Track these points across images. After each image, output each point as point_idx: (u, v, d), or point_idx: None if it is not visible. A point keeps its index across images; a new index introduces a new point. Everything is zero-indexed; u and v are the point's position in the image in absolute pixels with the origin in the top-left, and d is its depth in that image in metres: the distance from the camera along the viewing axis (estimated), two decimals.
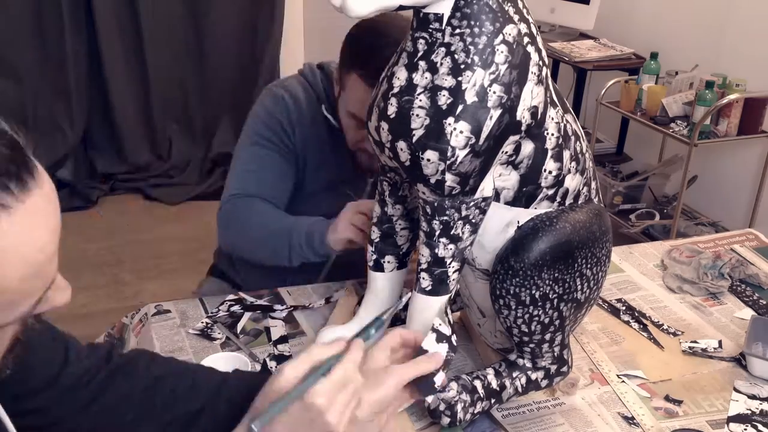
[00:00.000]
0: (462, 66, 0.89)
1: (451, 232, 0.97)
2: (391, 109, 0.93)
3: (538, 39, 0.95)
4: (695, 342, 1.28)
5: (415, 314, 1.03)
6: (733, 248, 1.62)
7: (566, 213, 1.00)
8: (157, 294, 2.56)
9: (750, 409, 1.13)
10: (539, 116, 0.95)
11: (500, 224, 1.00)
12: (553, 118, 0.97)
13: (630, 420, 1.09)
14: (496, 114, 0.90)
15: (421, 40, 0.91)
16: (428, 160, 0.91)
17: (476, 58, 0.89)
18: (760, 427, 1.09)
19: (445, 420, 1.02)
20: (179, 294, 1.49)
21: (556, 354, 1.08)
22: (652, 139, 3.34)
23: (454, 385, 1.02)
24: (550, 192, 1.00)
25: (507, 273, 0.98)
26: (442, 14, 0.89)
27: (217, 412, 0.88)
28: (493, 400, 1.06)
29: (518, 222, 1.00)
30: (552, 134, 0.97)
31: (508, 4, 0.91)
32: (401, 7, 0.86)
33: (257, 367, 1.17)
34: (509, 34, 0.90)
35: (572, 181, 1.01)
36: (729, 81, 2.75)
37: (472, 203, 0.96)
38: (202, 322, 1.28)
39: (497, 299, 1.01)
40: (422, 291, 1.01)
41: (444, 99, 0.89)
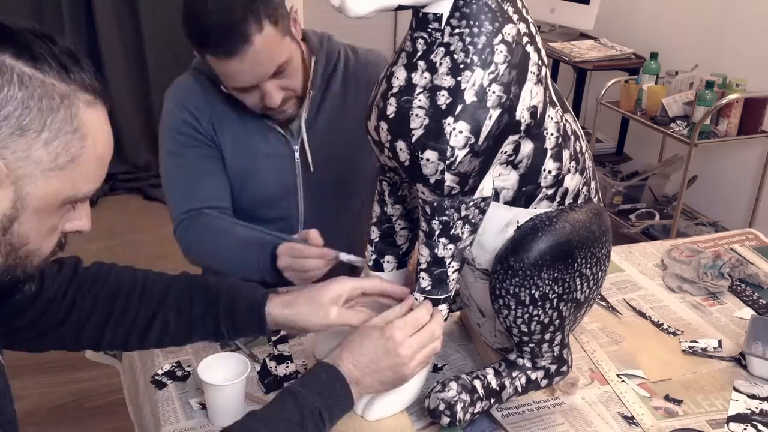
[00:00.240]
0: (461, 66, 0.89)
1: (451, 232, 0.97)
2: (391, 109, 0.93)
3: (538, 39, 0.95)
4: (695, 341, 1.28)
5: None
6: (732, 248, 1.61)
7: (566, 213, 1.00)
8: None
9: (750, 409, 1.13)
10: (538, 116, 0.95)
11: (500, 224, 1.00)
12: (552, 118, 0.97)
13: (630, 420, 1.09)
14: (495, 114, 0.90)
15: (420, 40, 0.91)
16: (427, 160, 0.91)
17: (475, 58, 0.89)
18: (759, 426, 1.09)
19: (445, 420, 1.01)
20: None
21: (555, 354, 1.08)
22: (652, 139, 3.34)
23: (454, 385, 1.02)
24: (550, 192, 1.00)
25: (507, 273, 0.98)
26: (441, 14, 0.89)
27: (166, 317, 1.02)
28: (492, 400, 1.06)
29: (518, 222, 1.00)
30: (551, 134, 0.97)
31: (508, 4, 0.91)
32: (400, 7, 0.86)
33: (257, 367, 1.17)
34: (508, 34, 0.90)
35: (572, 181, 1.01)
36: (729, 81, 2.75)
37: (471, 203, 0.96)
38: None
39: (497, 299, 1.01)
40: (422, 291, 1.01)
41: (443, 99, 0.89)
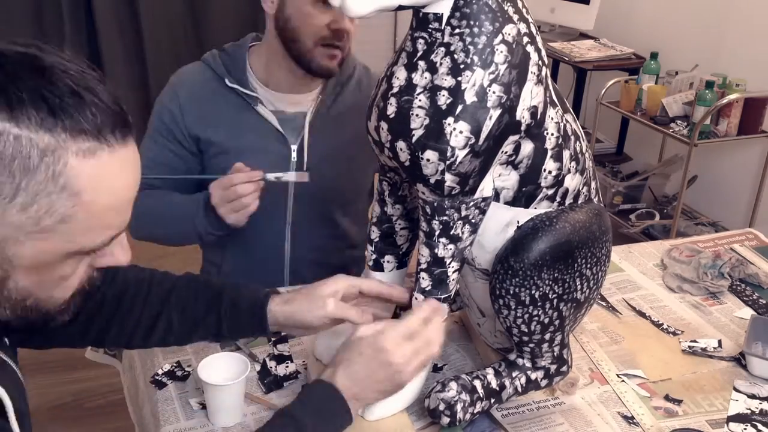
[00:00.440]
0: (461, 66, 0.89)
1: (451, 232, 0.97)
2: (391, 109, 0.93)
3: (538, 39, 0.95)
4: (695, 341, 1.28)
5: None
6: (732, 248, 1.62)
7: (566, 213, 1.00)
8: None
9: (750, 409, 1.13)
10: (539, 116, 0.95)
11: (500, 224, 1.00)
12: (552, 118, 0.97)
13: (630, 419, 1.09)
14: (495, 114, 0.90)
15: (421, 40, 0.91)
16: (428, 160, 0.91)
17: (476, 58, 0.89)
18: (759, 426, 1.09)
19: (445, 420, 1.02)
20: None
21: (555, 354, 1.08)
22: (652, 139, 3.34)
23: (453, 384, 1.02)
24: (550, 192, 1.00)
25: (507, 273, 0.98)
26: (442, 14, 0.89)
27: (170, 316, 1.01)
28: (492, 400, 1.06)
29: (518, 222, 1.00)
30: (552, 134, 0.97)
31: (508, 4, 0.91)
32: (400, 7, 0.86)
33: (257, 367, 1.17)
34: (509, 34, 0.90)
35: (572, 181, 1.01)
36: (729, 81, 2.75)
37: (471, 203, 0.96)
38: None
39: (497, 299, 1.01)
40: (422, 291, 1.01)
41: (443, 99, 0.89)
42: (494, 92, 0.89)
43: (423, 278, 1.01)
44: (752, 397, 1.15)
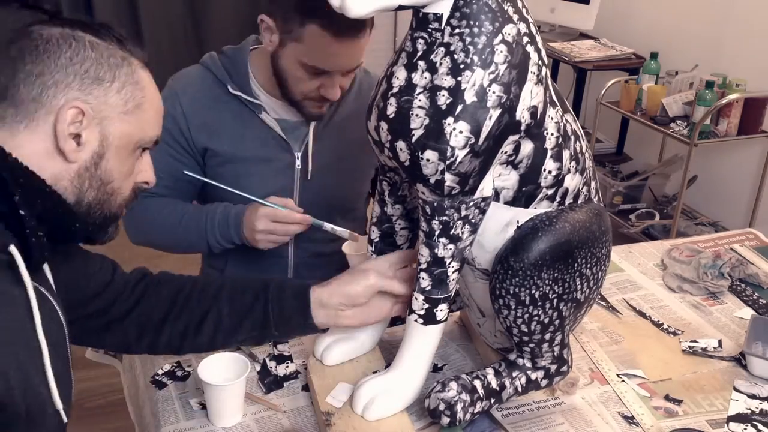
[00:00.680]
0: (461, 66, 0.89)
1: (451, 232, 0.97)
2: (391, 109, 0.93)
3: (538, 39, 0.95)
4: (695, 341, 1.28)
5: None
6: (733, 248, 1.62)
7: (566, 213, 1.00)
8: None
9: (750, 409, 1.13)
10: (539, 116, 0.95)
11: (500, 224, 1.00)
12: (552, 118, 0.97)
13: (630, 419, 1.09)
14: (495, 114, 0.90)
15: (421, 40, 0.91)
16: (428, 160, 0.91)
17: (475, 58, 0.89)
18: (760, 426, 1.09)
19: (445, 420, 1.01)
20: None
21: (555, 353, 1.08)
22: (652, 139, 3.34)
23: (453, 384, 1.02)
24: (550, 192, 1.00)
25: (507, 273, 0.98)
26: (442, 14, 0.89)
27: (220, 309, 1.07)
28: (492, 400, 1.06)
29: (518, 222, 1.00)
30: (551, 134, 0.97)
31: (508, 4, 0.91)
32: (400, 7, 0.86)
33: (257, 367, 1.17)
34: (508, 34, 0.90)
35: (572, 181, 1.01)
36: (729, 81, 2.75)
37: (471, 203, 0.96)
38: None
39: (497, 299, 1.01)
40: (422, 291, 1.01)
41: (443, 99, 0.89)
42: (494, 92, 0.89)
43: (423, 278, 1.01)
44: (752, 397, 1.15)
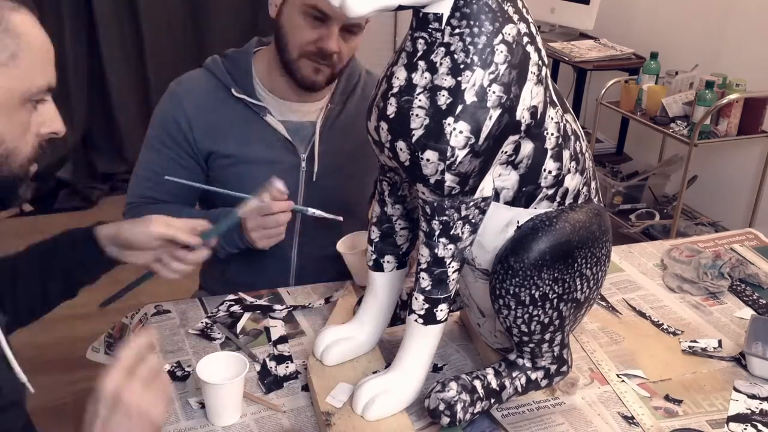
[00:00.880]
0: (461, 66, 0.89)
1: (451, 232, 0.97)
2: (391, 109, 0.93)
3: (538, 39, 0.95)
4: (695, 341, 1.28)
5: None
6: (732, 248, 1.62)
7: (566, 213, 1.00)
8: (157, 294, 2.57)
9: (750, 409, 1.13)
10: (539, 116, 0.95)
11: (500, 224, 1.00)
12: (552, 118, 0.97)
13: (630, 419, 1.09)
14: (495, 114, 0.90)
15: (421, 40, 0.91)
16: (428, 160, 0.91)
17: (476, 58, 0.89)
18: (759, 426, 1.09)
19: (445, 420, 1.01)
20: (179, 294, 1.49)
21: (555, 354, 1.08)
22: (652, 139, 3.34)
23: (453, 384, 1.02)
24: (550, 192, 1.00)
25: (507, 273, 0.98)
26: (442, 14, 0.89)
27: (27, 287, 1.12)
28: (492, 400, 1.06)
29: (518, 222, 1.00)
30: (551, 134, 0.97)
31: (508, 4, 0.91)
32: (400, 7, 0.86)
33: (257, 367, 1.17)
34: (509, 34, 0.90)
35: (572, 181, 1.01)
36: (729, 81, 2.75)
37: (471, 203, 0.96)
38: (202, 322, 1.28)
39: (497, 299, 1.01)
40: (422, 291, 1.01)
41: (443, 99, 0.89)
42: (494, 92, 0.89)
43: (423, 278, 1.01)
44: (752, 397, 1.15)
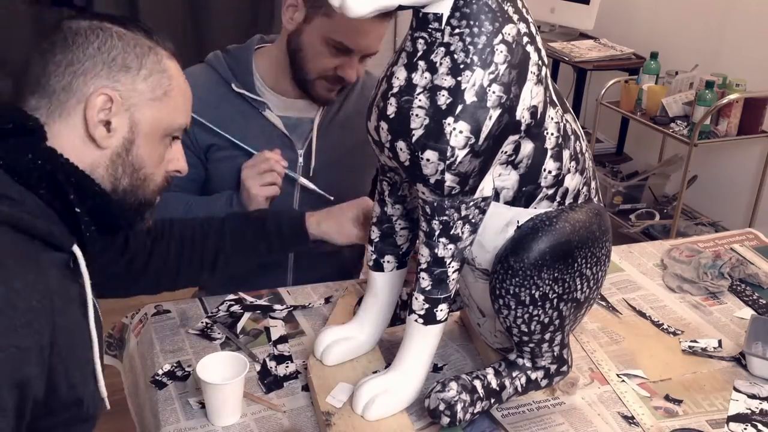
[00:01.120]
0: (461, 66, 0.89)
1: (451, 232, 0.97)
2: (391, 109, 0.93)
3: (538, 38, 0.95)
4: (695, 341, 1.28)
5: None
6: (732, 248, 1.62)
7: (566, 213, 1.00)
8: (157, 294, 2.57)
9: (750, 409, 1.13)
10: (539, 116, 0.95)
11: (500, 224, 1.00)
12: (552, 118, 0.97)
13: (630, 419, 1.09)
14: (495, 114, 0.90)
15: (421, 40, 0.91)
16: (428, 160, 0.91)
17: (475, 58, 0.89)
18: (759, 426, 1.09)
19: (445, 420, 1.01)
20: (179, 294, 1.48)
21: (555, 353, 1.08)
22: (652, 139, 3.34)
23: (453, 384, 1.02)
24: (550, 192, 1.00)
25: (507, 273, 0.98)
26: (442, 14, 0.89)
27: (227, 250, 1.25)
28: (492, 400, 1.06)
29: (518, 222, 1.00)
30: (551, 134, 0.97)
31: (508, 4, 0.91)
32: (400, 7, 0.86)
33: (257, 367, 1.17)
34: (508, 34, 0.90)
35: (572, 181, 1.01)
36: (729, 81, 2.75)
37: (471, 203, 0.96)
38: (202, 322, 1.28)
39: (497, 299, 1.01)
40: (422, 291, 1.01)
41: (443, 99, 0.89)
42: (494, 92, 0.89)
43: (423, 278, 1.01)
44: (752, 397, 1.15)
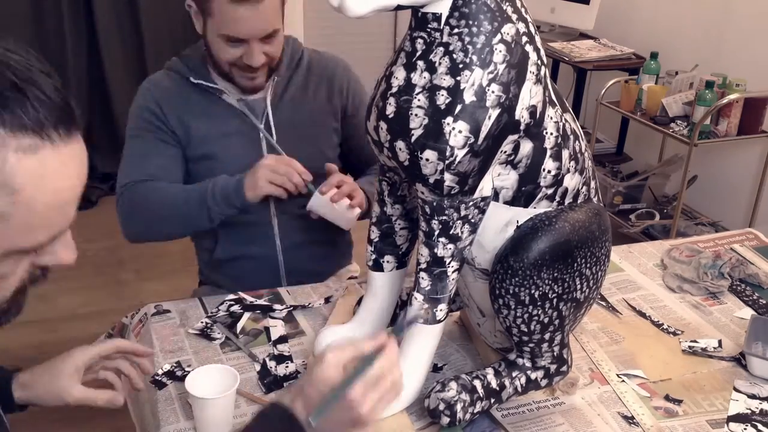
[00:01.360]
0: (460, 65, 0.89)
1: (450, 232, 0.97)
2: (390, 109, 0.93)
3: (537, 38, 0.95)
4: (695, 341, 1.28)
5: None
6: (732, 248, 1.61)
7: (565, 212, 1.00)
8: (157, 294, 2.57)
9: (750, 409, 1.13)
10: (538, 115, 0.95)
11: (499, 224, 1.00)
12: (551, 118, 0.97)
13: (630, 419, 1.09)
14: (494, 113, 0.90)
15: (420, 40, 0.91)
16: (427, 159, 0.91)
17: (474, 58, 0.89)
18: (759, 426, 1.09)
19: (445, 420, 1.01)
20: (179, 294, 1.49)
21: (555, 353, 1.07)
22: (652, 139, 3.34)
23: (453, 384, 1.02)
24: (550, 191, 1.00)
25: (506, 273, 0.98)
26: (441, 14, 0.89)
27: None
28: (492, 400, 1.06)
29: (517, 221, 1.00)
30: (551, 133, 0.97)
31: (507, 4, 0.91)
32: (399, 7, 0.86)
33: (257, 367, 1.17)
34: (507, 34, 0.90)
35: (571, 181, 1.01)
36: (729, 81, 2.75)
37: (471, 203, 0.96)
38: (202, 322, 1.28)
39: (497, 299, 1.01)
40: (421, 291, 1.01)
41: (442, 99, 0.89)
42: (493, 92, 0.89)
43: (422, 278, 1.01)
44: (752, 397, 1.15)
